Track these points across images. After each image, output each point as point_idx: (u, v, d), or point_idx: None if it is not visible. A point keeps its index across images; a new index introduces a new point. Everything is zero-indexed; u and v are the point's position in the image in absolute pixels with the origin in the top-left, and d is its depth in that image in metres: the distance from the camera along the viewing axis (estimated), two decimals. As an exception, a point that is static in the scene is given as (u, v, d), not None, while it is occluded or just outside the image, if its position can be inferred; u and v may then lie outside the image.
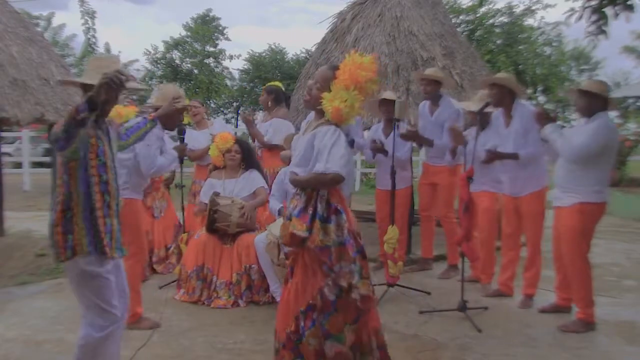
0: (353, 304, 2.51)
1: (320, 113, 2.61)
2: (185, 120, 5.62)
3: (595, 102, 3.75)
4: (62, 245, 2.47)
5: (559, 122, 4.11)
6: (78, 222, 2.48)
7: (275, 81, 6.52)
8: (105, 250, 2.51)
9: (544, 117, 3.93)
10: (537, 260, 4.37)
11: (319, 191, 2.54)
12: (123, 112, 3.63)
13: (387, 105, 5.09)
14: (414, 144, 5.49)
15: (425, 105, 5.31)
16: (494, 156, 4.32)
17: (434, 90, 5.16)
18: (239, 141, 4.84)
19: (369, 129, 5.82)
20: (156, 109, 3.59)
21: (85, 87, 2.82)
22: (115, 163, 2.65)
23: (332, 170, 2.47)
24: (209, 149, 4.87)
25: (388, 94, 5.23)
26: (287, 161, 4.01)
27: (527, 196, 4.28)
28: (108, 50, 21.29)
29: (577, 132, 3.82)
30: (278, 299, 3.44)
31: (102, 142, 2.55)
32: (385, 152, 5.03)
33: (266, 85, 5.79)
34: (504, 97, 4.31)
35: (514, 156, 4.23)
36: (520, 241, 4.55)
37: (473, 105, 4.72)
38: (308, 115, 3.02)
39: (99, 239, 2.49)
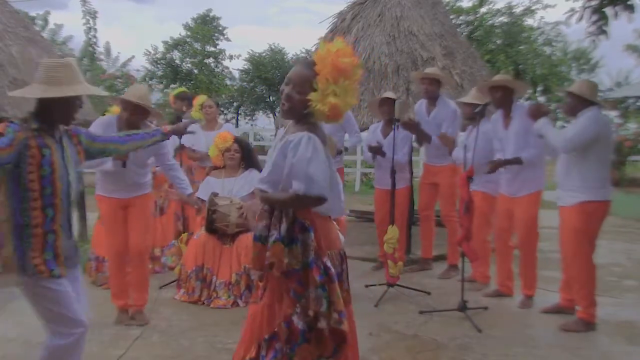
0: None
1: (302, 120, 2.25)
2: (197, 115, 5.64)
3: (579, 103, 3.76)
4: None
5: (559, 123, 4.12)
6: (9, 239, 2.33)
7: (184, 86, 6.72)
8: (36, 270, 2.34)
9: (538, 112, 3.93)
10: (531, 261, 4.35)
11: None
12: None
13: (387, 105, 5.09)
14: (414, 143, 5.50)
15: (422, 104, 5.31)
16: (498, 165, 4.29)
17: (435, 90, 5.16)
18: (238, 140, 4.84)
19: (367, 129, 5.82)
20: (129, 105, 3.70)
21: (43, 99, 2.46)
22: (72, 172, 2.45)
23: (315, 193, 2.12)
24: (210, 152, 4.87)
25: (389, 93, 5.24)
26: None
27: (523, 198, 4.27)
28: (108, 50, 21.27)
29: (568, 127, 3.85)
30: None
31: (48, 151, 2.36)
32: (382, 154, 5.02)
33: (177, 93, 5.93)
34: (506, 99, 4.30)
35: (517, 161, 4.21)
36: (510, 239, 4.53)
37: (470, 98, 4.75)
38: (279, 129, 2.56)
39: (29, 257, 2.33)
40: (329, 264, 2.19)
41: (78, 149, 2.57)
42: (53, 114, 2.41)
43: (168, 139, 3.14)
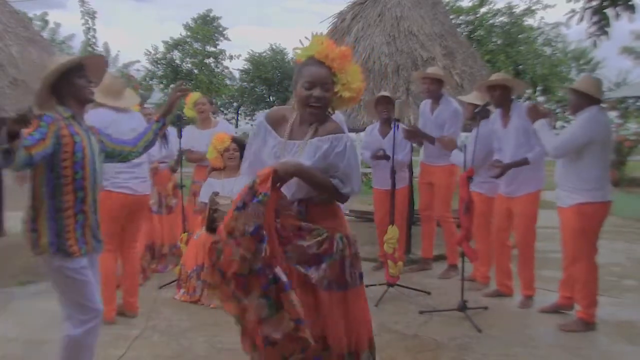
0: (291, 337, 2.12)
1: (325, 118, 2.32)
2: (190, 114, 5.61)
3: (583, 99, 3.75)
4: (30, 242, 2.51)
5: (560, 124, 4.11)
6: (42, 222, 2.48)
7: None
8: (70, 250, 2.50)
9: (536, 113, 3.92)
10: (529, 261, 4.35)
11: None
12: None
13: (384, 104, 5.08)
14: (415, 144, 5.49)
15: (426, 104, 5.30)
16: (506, 169, 4.23)
17: (437, 89, 5.15)
18: (236, 140, 4.83)
19: (363, 130, 5.81)
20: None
21: (53, 88, 2.61)
22: (97, 158, 2.62)
23: (352, 195, 2.30)
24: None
25: (385, 92, 5.23)
26: None
27: (521, 197, 4.26)
28: (107, 50, 21.27)
29: (566, 128, 3.83)
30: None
31: (79, 138, 2.53)
32: (387, 158, 4.98)
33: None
34: (505, 98, 4.31)
35: (524, 162, 4.17)
36: (508, 239, 4.52)
37: (472, 98, 4.74)
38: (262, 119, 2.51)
39: (64, 238, 2.49)
40: (279, 273, 2.14)
41: (100, 145, 2.71)
42: (68, 93, 2.57)
43: (164, 124, 3.02)
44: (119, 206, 3.81)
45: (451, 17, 10.96)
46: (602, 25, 3.64)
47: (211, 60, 24.87)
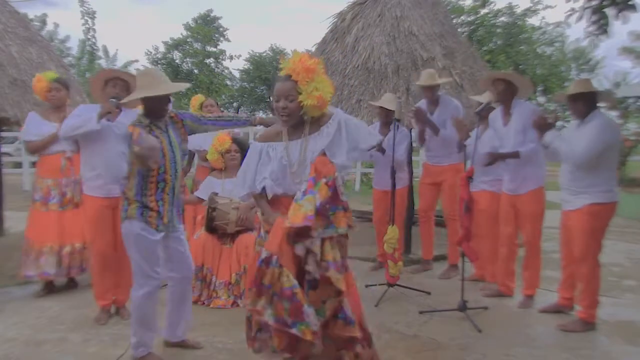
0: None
1: (299, 123, 2.73)
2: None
3: (586, 101, 3.74)
4: (121, 209, 3.16)
5: (559, 123, 4.09)
6: (132, 199, 3.11)
7: None
8: (149, 221, 3.10)
9: (544, 125, 3.87)
10: (536, 261, 4.35)
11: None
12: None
13: (384, 112, 5.14)
14: (414, 143, 5.49)
15: (423, 104, 5.28)
16: (495, 158, 4.29)
17: (434, 94, 5.15)
18: (236, 141, 4.83)
19: None
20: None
21: (143, 100, 3.18)
22: (177, 154, 3.19)
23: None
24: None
25: (387, 99, 5.20)
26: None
27: (526, 194, 4.26)
28: (106, 51, 21.32)
29: (578, 135, 3.78)
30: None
31: (159, 143, 3.09)
32: (382, 150, 5.02)
33: (56, 78, 4.64)
34: (508, 95, 4.29)
35: (514, 155, 4.20)
36: (516, 240, 4.53)
37: (484, 97, 4.73)
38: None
39: (147, 214, 3.10)
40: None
41: (181, 131, 3.28)
42: (150, 109, 3.17)
43: (253, 124, 3.60)
44: (99, 207, 3.85)
45: (452, 17, 10.94)
46: (601, 24, 3.64)
47: (211, 60, 24.88)
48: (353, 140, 2.71)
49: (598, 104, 3.80)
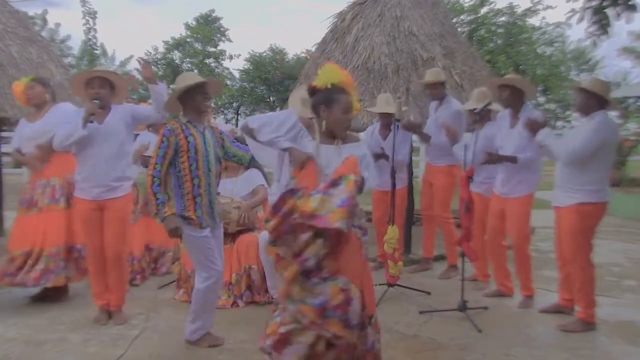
0: None
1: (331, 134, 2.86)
2: None
3: (593, 101, 3.74)
4: (156, 210, 3.28)
5: (559, 123, 4.08)
6: (172, 200, 3.29)
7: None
8: (193, 222, 3.29)
9: (534, 125, 3.89)
10: (525, 264, 4.35)
11: None
12: None
13: (385, 114, 5.14)
14: (415, 143, 5.49)
15: (433, 104, 5.32)
16: (493, 158, 4.26)
17: (440, 92, 5.16)
18: (237, 141, 4.82)
19: (364, 130, 5.81)
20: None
21: (180, 98, 3.38)
22: (211, 152, 3.37)
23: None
24: None
25: (383, 101, 5.18)
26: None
27: (515, 199, 4.25)
28: (104, 51, 21.34)
29: (576, 133, 3.79)
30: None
31: (192, 138, 3.29)
32: (386, 157, 4.99)
33: (31, 78, 4.59)
34: (514, 99, 4.27)
35: (512, 159, 4.17)
36: (504, 239, 4.51)
37: (473, 104, 4.72)
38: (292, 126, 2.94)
39: (186, 214, 3.28)
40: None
41: (220, 142, 3.50)
42: (186, 104, 3.37)
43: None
44: (86, 209, 3.83)
45: (452, 17, 10.94)
46: (602, 24, 3.64)
47: (211, 60, 24.83)
48: (371, 170, 2.89)
49: (604, 108, 3.78)
